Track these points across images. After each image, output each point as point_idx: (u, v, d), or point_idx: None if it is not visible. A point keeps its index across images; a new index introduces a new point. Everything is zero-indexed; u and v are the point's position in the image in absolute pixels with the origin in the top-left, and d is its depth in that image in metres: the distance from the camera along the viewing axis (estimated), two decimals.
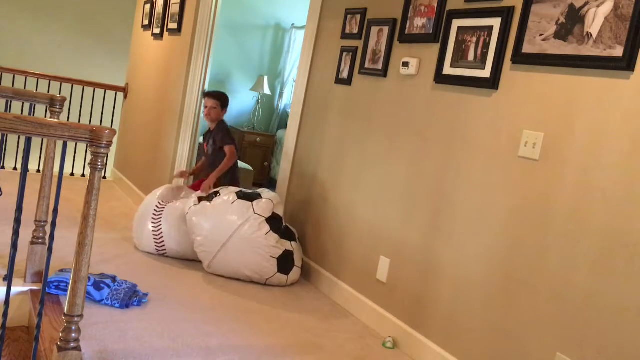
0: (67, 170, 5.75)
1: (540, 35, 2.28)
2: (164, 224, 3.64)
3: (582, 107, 2.13)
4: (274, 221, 3.42)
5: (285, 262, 3.41)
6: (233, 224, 3.35)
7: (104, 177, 5.97)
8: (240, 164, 6.18)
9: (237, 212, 3.37)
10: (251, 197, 3.45)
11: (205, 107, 4.06)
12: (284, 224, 3.55)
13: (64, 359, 2.02)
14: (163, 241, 3.65)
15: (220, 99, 4.07)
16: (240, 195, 3.46)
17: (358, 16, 3.35)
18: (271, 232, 3.37)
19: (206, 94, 4.15)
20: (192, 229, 3.46)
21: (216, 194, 3.54)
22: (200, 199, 3.55)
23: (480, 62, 2.53)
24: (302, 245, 3.68)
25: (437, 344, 2.66)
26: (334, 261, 3.44)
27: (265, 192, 3.55)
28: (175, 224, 3.62)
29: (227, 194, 3.49)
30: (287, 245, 3.44)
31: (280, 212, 3.50)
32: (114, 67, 7.11)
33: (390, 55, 3.10)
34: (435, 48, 2.80)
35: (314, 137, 3.68)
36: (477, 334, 2.47)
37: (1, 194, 3.58)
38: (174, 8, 5.00)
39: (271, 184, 6.43)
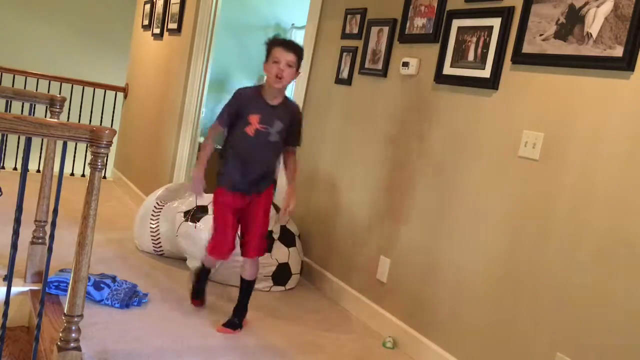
0: (67, 170, 5.75)
1: (540, 35, 2.28)
2: (162, 225, 3.63)
3: (582, 107, 2.13)
4: None
5: (280, 276, 3.37)
6: None
7: (104, 177, 5.97)
8: None
9: None
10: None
11: (276, 62, 2.51)
12: (282, 226, 3.51)
13: (64, 359, 2.02)
14: (160, 241, 3.64)
15: (301, 54, 2.60)
16: None
17: (358, 16, 3.35)
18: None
19: (281, 43, 2.57)
20: (184, 252, 3.45)
21: (202, 210, 3.42)
22: (186, 216, 3.43)
23: (480, 62, 2.53)
24: (302, 244, 3.67)
25: (437, 344, 2.66)
26: (334, 261, 3.44)
27: None
28: (172, 225, 3.59)
29: (211, 214, 3.34)
30: (283, 255, 3.38)
31: (270, 225, 3.39)
32: (114, 67, 7.11)
33: (390, 55, 3.10)
34: (435, 48, 2.80)
35: (314, 137, 3.68)
36: (477, 333, 2.47)
37: (1, 194, 3.57)
38: (174, 8, 5.01)
39: None
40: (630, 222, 1.95)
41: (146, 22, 5.77)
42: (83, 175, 5.87)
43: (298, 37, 6.84)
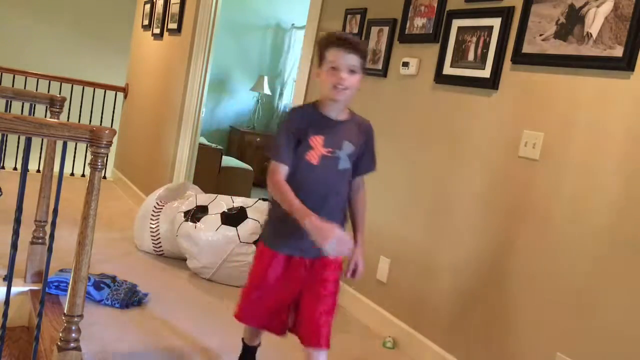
0: (67, 170, 5.75)
1: (540, 35, 2.28)
2: (162, 225, 3.63)
3: (582, 107, 2.13)
4: None
5: None
6: (220, 253, 3.27)
7: (104, 177, 5.97)
8: (240, 163, 6.19)
9: (222, 241, 3.27)
10: (237, 220, 3.32)
11: (334, 67, 1.85)
12: None
13: (64, 359, 2.02)
14: (160, 241, 3.64)
15: (366, 53, 1.96)
16: (225, 219, 3.33)
17: (358, 16, 3.35)
18: None
19: (339, 42, 1.86)
20: (184, 252, 3.45)
21: (202, 210, 3.43)
22: (186, 216, 3.44)
23: (480, 62, 2.53)
24: None
25: (437, 344, 2.66)
26: None
27: (253, 208, 3.38)
28: (172, 225, 3.59)
29: (213, 213, 3.39)
30: None
31: None
32: (114, 67, 7.12)
33: (390, 55, 3.10)
34: (435, 48, 2.79)
35: None
36: (477, 333, 2.47)
37: (1, 194, 3.58)
38: (174, 8, 5.00)
39: None
40: (630, 222, 1.95)
41: (146, 22, 5.77)
42: (83, 175, 5.87)
43: (298, 37, 6.86)
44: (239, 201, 3.47)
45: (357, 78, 1.89)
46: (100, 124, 4.45)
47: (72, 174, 5.80)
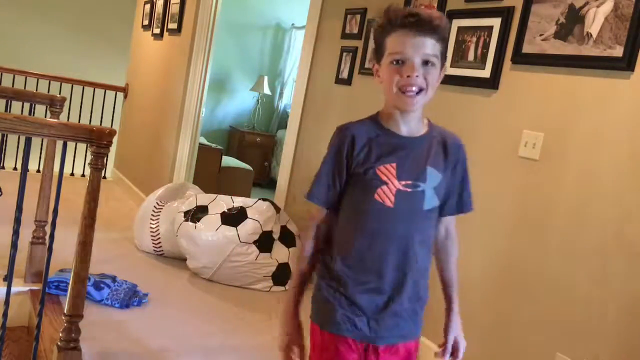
0: (67, 170, 5.74)
1: (540, 35, 2.28)
2: (162, 225, 3.63)
3: (582, 107, 2.13)
4: (263, 240, 3.30)
5: (281, 275, 3.37)
6: (220, 253, 3.27)
7: (104, 177, 5.97)
8: (240, 163, 6.19)
9: (222, 240, 3.26)
10: (237, 220, 3.31)
11: (397, 60, 1.35)
12: (283, 225, 3.49)
13: (64, 359, 2.02)
14: (160, 241, 3.64)
15: (445, 32, 1.34)
16: (225, 219, 3.33)
17: (358, 16, 3.35)
18: (261, 254, 3.28)
19: (404, 22, 1.36)
20: (184, 252, 3.45)
21: (202, 210, 3.43)
22: (186, 216, 3.44)
23: (480, 62, 2.53)
24: None
25: (437, 344, 2.65)
26: None
27: (253, 208, 3.39)
28: (172, 225, 3.59)
29: (213, 213, 3.38)
30: (283, 255, 3.36)
31: (270, 226, 3.37)
32: (114, 67, 7.12)
33: None
34: None
35: (314, 137, 3.68)
36: (476, 333, 2.47)
37: (1, 194, 3.58)
38: (174, 8, 5.01)
39: (271, 184, 6.44)
40: (630, 222, 1.95)
41: (146, 22, 5.77)
42: (83, 175, 5.87)
43: (298, 37, 6.86)
44: (239, 201, 3.47)
45: (436, 72, 1.32)
46: (100, 124, 4.45)
47: (72, 174, 5.80)
